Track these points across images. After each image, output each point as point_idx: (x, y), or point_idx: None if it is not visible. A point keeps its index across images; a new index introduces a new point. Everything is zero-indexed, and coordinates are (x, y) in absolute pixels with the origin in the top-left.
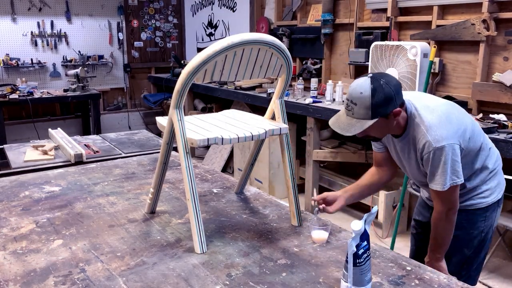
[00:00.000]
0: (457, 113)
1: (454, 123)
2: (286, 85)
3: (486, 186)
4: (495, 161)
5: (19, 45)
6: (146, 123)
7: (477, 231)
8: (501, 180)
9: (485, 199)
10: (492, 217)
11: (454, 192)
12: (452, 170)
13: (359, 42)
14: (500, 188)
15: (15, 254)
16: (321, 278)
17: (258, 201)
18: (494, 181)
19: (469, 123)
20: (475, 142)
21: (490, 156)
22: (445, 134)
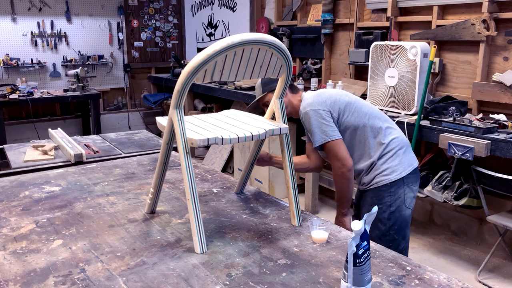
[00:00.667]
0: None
1: (322, 96)
2: (286, 85)
3: (387, 165)
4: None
5: (19, 45)
6: (146, 123)
7: (385, 205)
8: (404, 160)
9: (387, 177)
10: (398, 193)
11: (335, 148)
12: (321, 130)
13: (359, 42)
14: (403, 167)
15: (15, 254)
16: (321, 278)
17: (258, 201)
18: (394, 160)
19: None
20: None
21: (385, 135)
22: (310, 102)
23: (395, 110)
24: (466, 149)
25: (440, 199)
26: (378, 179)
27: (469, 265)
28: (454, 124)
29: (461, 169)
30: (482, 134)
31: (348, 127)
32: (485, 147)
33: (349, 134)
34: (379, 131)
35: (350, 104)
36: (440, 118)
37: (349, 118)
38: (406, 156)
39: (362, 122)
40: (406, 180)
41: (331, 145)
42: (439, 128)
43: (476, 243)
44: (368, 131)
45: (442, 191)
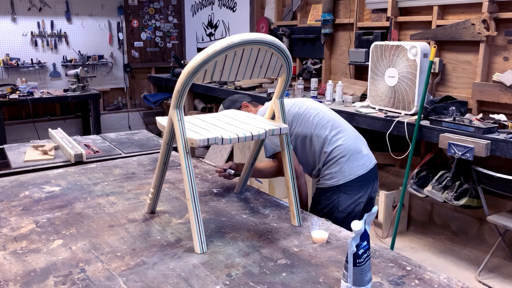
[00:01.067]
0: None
1: None
2: (286, 85)
3: (328, 170)
4: (335, 149)
5: (19, 45)
6: (146, 123)
7: (320, 206)
8: (345, 169)
9: (326, 182)
10: (332, 198)
11: None
12: (271, 141)
13: (359, 42)
14: (342, 175)
15: (15, 254)
16: (321, 278)
17: (258, 201)
18: (335, 167)
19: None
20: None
21: (329, 144)
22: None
23: (395, 110)
24: (466, 149)
25: (440, 199)
26: (320, 182)
27: (469, 265)
28: (454, 124)
29: (461, 169)
30: (482, 134)
31: (297, 137)
32: (485, 147)
33: (300, 143)
34: (325, 141)
35: (298, 115)
36: (440, 118)
37: (297, 128)
38: (349, 165)
39: (309, 132)
40: (343, 188)
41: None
42: (439, 128)
43: (476, 243)
44: (315, 140)
45: (442, 191)
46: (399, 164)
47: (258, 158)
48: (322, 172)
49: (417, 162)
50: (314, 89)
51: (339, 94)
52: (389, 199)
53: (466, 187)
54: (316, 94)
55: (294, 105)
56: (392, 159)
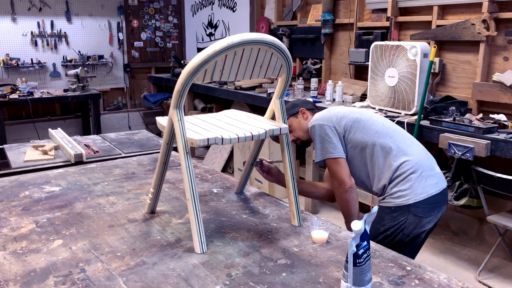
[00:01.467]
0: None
1: (331, 113)
2: (286, 85)
3: (396, 188)
4: (404, 165)
5: (19, 45)
6: (146, 123)
7: (383, 228)
8: (416, 186)
9: (393, 200)
10: (399, 220)
11: (333, 167)
12: (322, 146)
13: (359, 42)
14: (413, 194)
15: (15, 254)
16: (321, 278)
17: (258, 201)
18: (405, 184)
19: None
20: (362, 135)
21: (396, 158)
22: (318, 117)
23: (395, 110)
24: (466, 149)
25: None
26: (385, 200)
27: (469, 265)
28: (454, 124)
29: (461, 169)
30: (482, 134)
31: (356, 145)
32: (485, 147)
33: (358, 152)
34: (390, 152)
35: (358, 121)
36: (440, 118)
37: (356, 135)
38: (421, 182)
39: (370, 140)
40: (413, 208)
41: (330, 163)
42: (439, 128)
43: (476, 243)
44: (378, 151)
45: None
46: None
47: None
48: (389, 190)
49: None
50: (314, 89)
51: (339, 94)
52: None
53: (466, 187)
54: (316, 94)
55: (354, 112)
56: None
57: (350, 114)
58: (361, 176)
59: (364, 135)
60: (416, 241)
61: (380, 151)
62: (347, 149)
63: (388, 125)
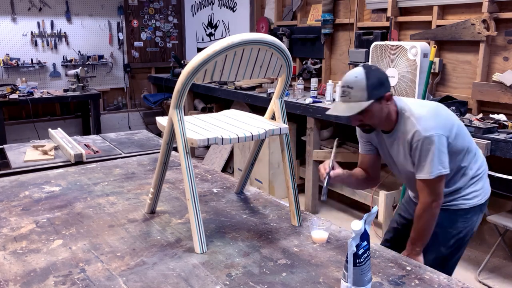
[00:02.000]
0: (445, 110)
1: (442, 117)
2: (286, 85)
3: (470, 189)
4: (479, 166)
5: (19, 45)
6: (146, 123)
7: (456, 231)
8: (486, 185)
9: (468, 201)
10: (473, 220)
11: (439, 183)
12: (439, 160)
13: (359, 42)
14: (485, 193)
15: (15, 254)
16: (321, 278)
17: (258, 201)
18: (478, 184)
19: (456, 122)
20: (462, 141)
21: (476, 160)
22: (434, 125)
23: None
24: None
25: None
26: (457, 202)
27: (469, 265)
28: None
29: None
30: (482, 134)
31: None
32: (485, 147)
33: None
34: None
35: (461, 125)
36: None
37: (457, 141)
38: (487, 180)
39: (466, 145)
40: (483, 207)
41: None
42: None
43: (476, 243)
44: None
45: None
46: None
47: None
48: (462, 191)
49: None
50: (314, 89)
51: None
52: (389, 199)
53: None
54: (316, 94)
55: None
56: None
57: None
58: None
59: (463, 140)
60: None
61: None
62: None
63: None
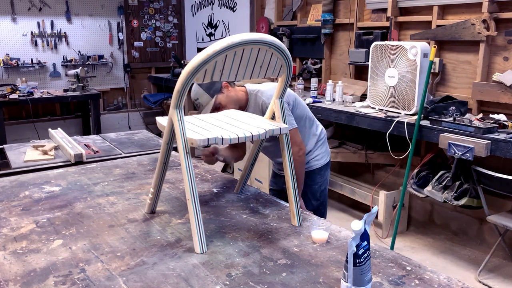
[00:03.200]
0: None
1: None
2: (286, 85)
3: (318, 151)
4: (320, 132)
5: (19, 45)
6: (146, 123)
7: (317, 186)
8: (327, 148)
9: (319, 161)
10: (325, 175)
11: (295, 135)
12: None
13: (359, 42)
14: (327, 154)
15: (15, 254)
16: (321, 278)
17: (258, 201)
18: (322, 148)
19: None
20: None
21: (316, 127)
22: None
23: (395, 110)
24: (466, 149)
25: (440, 199)
26: (312, 164)
27: (469, 265)
28: (454, 124)
29: (461, 169)
30: (482, 134)
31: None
32: (485, 147)
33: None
34: (313, 123)
35: (297, 98)
36: (440, 118)
37: (297, 110)
38: (327, 144)
39: (304, 113)
40: (328, 164)
41: (292, 132)
42: (439, 128)
43: (476, 243)
44: (307, 122)
45: (442, 191)
46: (399, 164)
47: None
48: (313, 154)
49: (417, 162)
50: (314, 89)
51: (339, 94)
52: (389, 199)
53: (466, 187)
54: (316, 94)
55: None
56: (392, 159)
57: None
58: None
59: (301, 110)
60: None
61: (308, 122)
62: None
63: None
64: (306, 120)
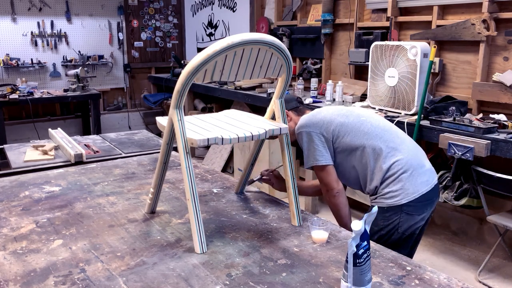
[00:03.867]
0: (331, 113)
1: (318, 117)
2: (286, 85)
3: (387, 188)
4: (394, 166)
5: (19, 45)
6: (146, 123)
7: (376, 227)
8: (407, 187)
9: (386, 200)
10: (392, 219)
11: (320, 174)
12: (309, 153)
13: (359, 42)
14: (405, 194)
15: (15, 254)
16: (321, 278)
17: (258, 201)
18: (396, 185)
19: (343, 122)
20: (353, 137)
21: (386, 158)
22: (304, 123)
23: (395, 110)
24: (466, 149)
25: (440, 199)
26: (376, 201)
27: (469, 265)
28: (454, 124)
29: (461, 169)
30: (482, 134)
31: (345, 149)
32: (485, 147)
33: (348, 155)
34: (380, 154)
35: (345, 125)
36: (440, 118)
37: (345, 139)
38: (411, 182)
39: (360, 143)
40: (406, 208)
41: (317, 170)
42: (439, 128)
43: (476, 243)
44: (369, 152)
45: (442, 191)
46: None
47: (258, 158)
48: (380, 190)
49: None
50: (314, 89)
51: (339, 94)
52: None
53: (466, 187)
54: (316, 94)
55: (340, 115)
56: None
57: (337, 118)
58: (352, 178)
59: (353, 138)
60: (411, 238)
61: (371, 153)
62: (335, 154)
63: (377, 124)
64: (364, 150)
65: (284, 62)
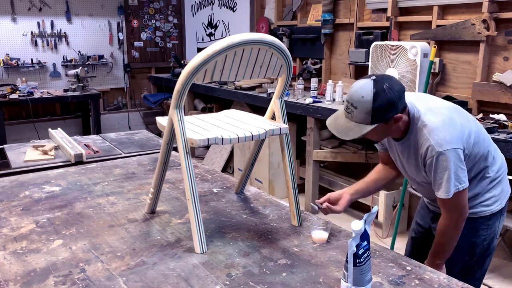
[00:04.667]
0: (461, 117)
1: (457, 127)
2: (286, 85)
3: (489, 194)
4: (499, 169)
5: (19, 45)
6: (146, 123)
7: (479, 239)
8: (505, 187)
9: (488, 207)
10: (495, 225)
11: (460, 198)
12: (456, 176)
13: (359, 42)
14: (504, 196)
15: (15, 254)
16: (321, 278)
17: (258, 201)
18: (497, 188)
19: (474, 128)
20: (479, 148)
21: (494, 163)
22: (448, 138)
23: None
24: None
25: None
26: (477, 209)
27: None
28: None
29: None
30: None
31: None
32: None
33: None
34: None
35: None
36: None
37: (475, 149)
38: (506, 181)
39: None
40: (504, 210)
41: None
42: None
43: None
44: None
45: None
46: None
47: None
48: (480, 197)
49: None
50: (314, 89)
51: (339, 94)
52: (389, 199)
53: None
54: (316, 94)
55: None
56: None
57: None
58: None
59: (481, 147)
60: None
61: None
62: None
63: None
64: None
65: (284, 62)
